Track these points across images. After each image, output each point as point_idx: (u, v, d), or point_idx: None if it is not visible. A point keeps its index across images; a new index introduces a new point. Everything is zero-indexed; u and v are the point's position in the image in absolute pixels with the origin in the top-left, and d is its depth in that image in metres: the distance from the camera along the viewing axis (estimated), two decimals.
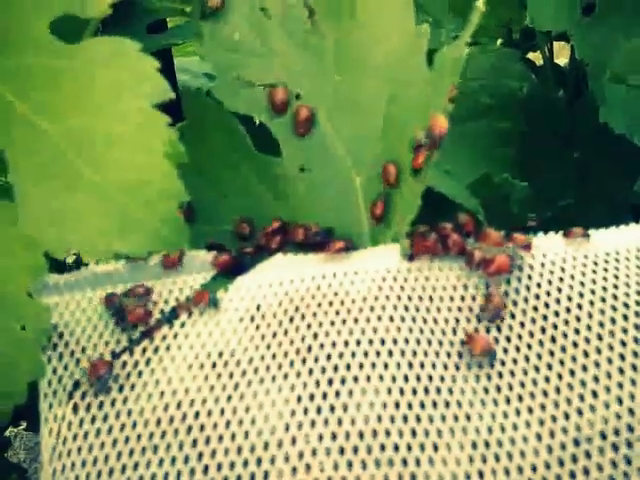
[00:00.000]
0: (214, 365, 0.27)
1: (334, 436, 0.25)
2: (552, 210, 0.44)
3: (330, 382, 0.26)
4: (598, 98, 0.49)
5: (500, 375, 0.27)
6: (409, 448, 0.25)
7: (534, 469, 0.25)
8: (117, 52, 0.28)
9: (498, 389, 0.27)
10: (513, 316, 0.29)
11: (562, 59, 0.67)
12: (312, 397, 0.26)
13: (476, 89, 0.54)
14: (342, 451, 0.25)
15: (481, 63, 0.53)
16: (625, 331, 0.28)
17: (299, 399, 0.26)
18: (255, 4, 0.35)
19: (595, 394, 0.27)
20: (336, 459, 0.25)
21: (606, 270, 0.30)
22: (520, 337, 0.28)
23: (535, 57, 0.65)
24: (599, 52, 0.49)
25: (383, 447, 0.25)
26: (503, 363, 0.27)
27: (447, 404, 0.26)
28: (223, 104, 0.35)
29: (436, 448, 0.25)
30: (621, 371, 0.27)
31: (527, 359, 0.27)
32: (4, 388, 0.30)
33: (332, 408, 0.25)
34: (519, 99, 0.54)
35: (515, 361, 0.27)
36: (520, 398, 0.27)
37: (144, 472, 0.25)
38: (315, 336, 0.27)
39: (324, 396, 0.26)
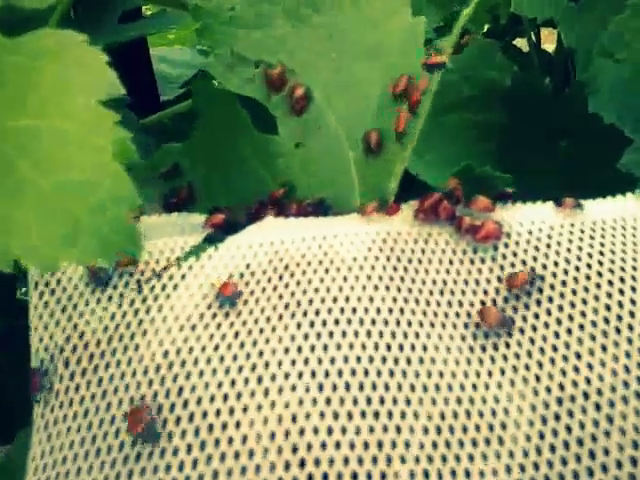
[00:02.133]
0: (201, 317, 0.28)
1: (321, 387, 0.26)
2: (536, 200, 0.45)
3: (318, 336, 0.27)
4: (587, 87, 0.50)
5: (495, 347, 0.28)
6: (394, 401, 0.26)
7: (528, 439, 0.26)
8: (63, 45, 0.27)
9: (492, 359, 0.28)
10: (500, 280, 0.30)
11: (549, 45, 0.67)
12: (300, 349, 0.26)
13: (457, 80, 0.54)
14: (328, 401, 0.25)
15: (464, 54, 0.54)
16: (609, 295, 0.29)
17: (286, 351, 0.26)
18: None
19: (579, 355, 0.27)
20: (323, 409, 0.25)
21: (592, 238, 0.30)
22: (507, 301, 0.29)
23: (522, 43, 0.65)
24: (586, 39, 0.49)
25: (369, 400, 0.26)
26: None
27: (433, 360, 0.27)
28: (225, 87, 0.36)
29: (421, 402, 0.26)
30: (605, 334, 0.28)
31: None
32: None
33: (320, 361, 0.26)
34: (501, 90, 0.55)
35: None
36: (515, 369, 0.27)
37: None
38: (304, 292, 0.28)
39: (312, 349, 0.26)
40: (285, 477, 0.24)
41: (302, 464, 0.24)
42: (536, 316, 0.28)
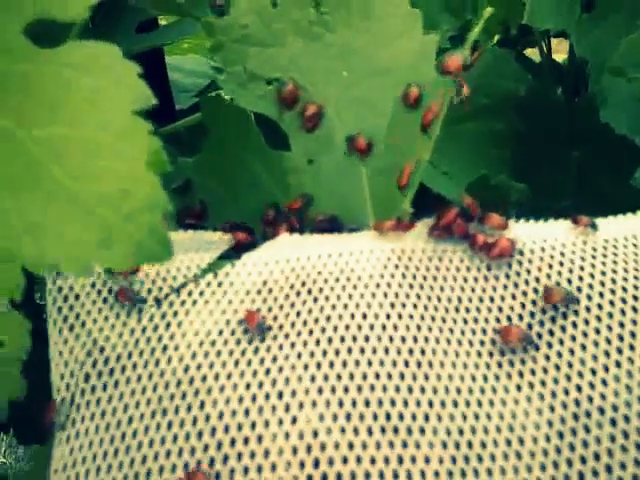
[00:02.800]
0: (221, 333, 0.29)
1: (341, 403, 0.27)
2: (551, 212, 0.46)
3: (337, 352, 0.28)
4: (599, 98, 0.51)
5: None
6: (413, 417, 0.27)
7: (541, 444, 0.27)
8: (97, 57, 0.28)
9: (508, 375, 0.29)
10: (514, 297, 0.31)
11: (559, 55, 0.69)
12: (319, 365, 0.28)
13: (472, 89, 0.56)
14: (348, 417, 0.27)
15: (479, 64, 0.55)
16: (623, 312, 0.30)
17: (306, 367, 0.28)
18: None
19: (594, 372, 0.29)
20: (343, 425, 0.26)
21: (605, 256, 0.32)
22: (521, 318, 0.30)
23: (532, 53, 0.67)
24: (599, 51, 0.51)
25: (388, 416, 0.27)
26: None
27: (450, 377, 0.28)
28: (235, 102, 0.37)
29: (440, 418, 0.27)
30: (619, 351, 0.29)
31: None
32: None
33: (339, 377, 0.27)
34: (515, 99, 0.57)
35: None
36: (531, 385, 0.29)
37: (154, 435, 0.27)
38: (321, 309, 0.29)
39: (331, 365, 0.28)
40: None
41: (324, 478, 0.25)
42: (551, 333, 0.30)
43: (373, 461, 0.26)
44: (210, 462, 0.26)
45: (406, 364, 0.28)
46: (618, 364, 0.29)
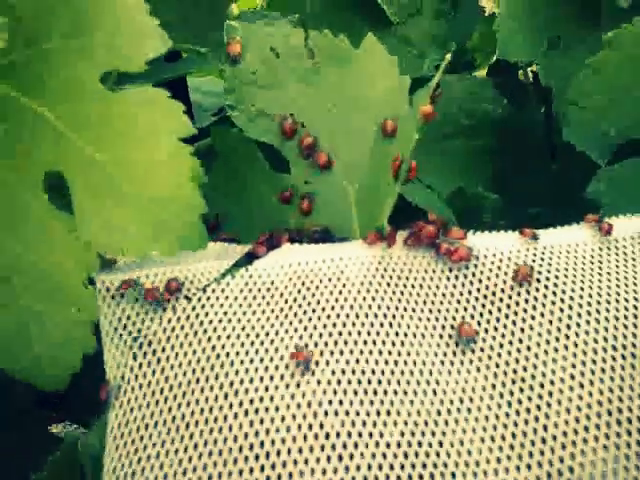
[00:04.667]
0: (239, 320, 0.41)
1: (339, 381, 0.38)
2: (522, 218, 0.57)
3: (330, 334, 0.40)
4: (561, 120, 0.63)
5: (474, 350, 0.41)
6: (388, 382, 0.39)
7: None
8: (153, 98, 0.42)
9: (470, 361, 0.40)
10: (470, 292, 0.43)
11: None
12: (322, 354, 0.39)
13: (455, 111, 0.68)
14: (335, 392, 0.38)
15: (459, 89, 0.68)
16: (553, 303, 0.42)
17: (306, 345, 0.39)
18: (266, 44, 0.50)
19: (537, 356, 0.40)
20: (341, 398, 0.38)
21: (542, 260, 0.44)
22: (474, 309, 0.42)
23: None
24: (561, 79, 0.63)
25: (375, 392, 0.38)
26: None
27: (417, 353, 0.40)
28: (245, 135, 0.49)
29: (406, 390, 0.39)
30: (555, 337, 0.41)
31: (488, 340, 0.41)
32: (64, 360, 0.43)
33: (335, 357, 0.39)
34: (492, 119, 0.69)
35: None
36: (479, 366, 0.40)
37: (190, 398, 0.39)
38: (318, 302, 0.41)
39: (326, 344, 0.39)
40: None
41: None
42: (497, 320, 0.41)
43: (365, 421, 0.37)
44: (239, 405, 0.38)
45: (383, 343, 0.40)
46: (548, 342, 0.40)
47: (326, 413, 0.37)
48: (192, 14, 0.58)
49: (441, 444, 0.37)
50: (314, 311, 0.41)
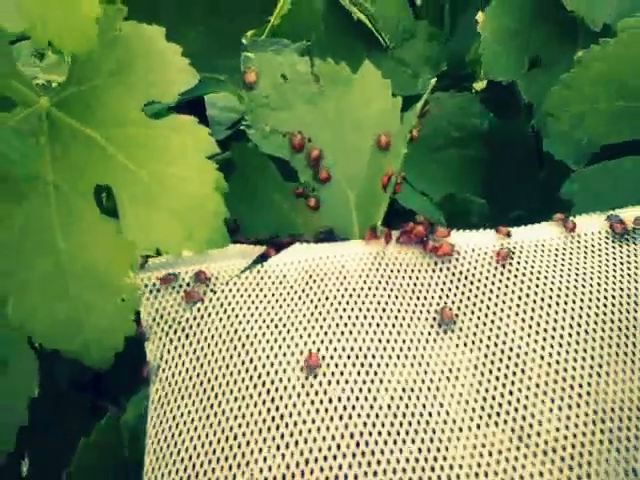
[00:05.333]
0: (257, 308, 0.48)
1: (340, 356, 0.46)
2: (506, 220, 0.64)
3: (332, 318, 0.47)
4: (541, 132, 0.71)
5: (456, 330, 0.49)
6: (379, 365, 0.46)
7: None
8: (183, 124, 0.51)
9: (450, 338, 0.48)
10: (452, 282, 0.50)
11: None
12: (326, 334, 0.47)
13: (445, 125, 0.76)
14: (337, 365, 0.46)
15: (449, 105, 0.76)
16: (520, 289, 0.49)
17: (317, 334, 0.47)
18: (277, 72, 0.58)
19: (513, 339, 0.48)
20: (342, 370, 0.46)
21: (514, 253, 0.51)
22: (455, 295, 0.50)
23: None
24: (541, 96, 0.71)
25: (370, 364, 0.46)
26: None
27: (406, 333, 0.48)
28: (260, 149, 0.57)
29: (396, 365, 0.47)
30: (525, 319, 0.48)
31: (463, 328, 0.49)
32: (109, 342, 0.51)
33: (336, 337, 0.47)
34: (480, 132, 0.76)
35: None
36: (460, 345, 0.48)
37: (218, 372, 0.46)
38: (323, 292, 0.49)
39: (329, 326, 0.47)
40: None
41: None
42: (474, 305, 0.49)
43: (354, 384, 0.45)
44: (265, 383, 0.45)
45: (377, 325, 0.47)
46: (529, 335, 0.48)
47: (329, 383, 0.45)
48: (210, 45, 0.66)
49: (424, 406, 0.44)
50: (319, 300, 0.49)
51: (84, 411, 0.68)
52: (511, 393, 0.45)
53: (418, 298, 0.50)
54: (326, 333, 0.47)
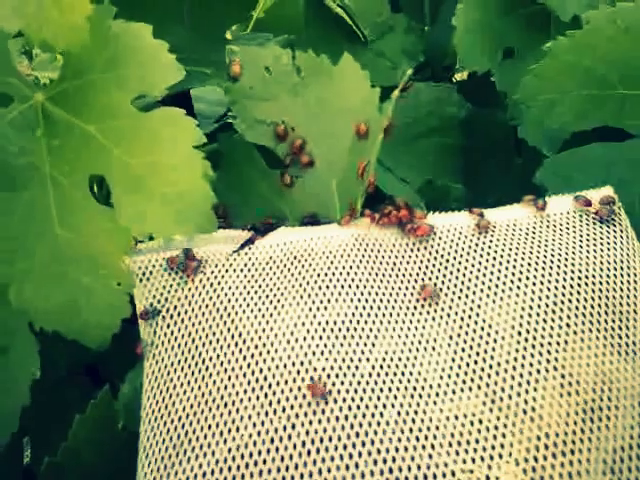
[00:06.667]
0: (244, 287, 0.51)
1: (324, 329, 0.49)
2: (483, 205, 0.67)
3: (317, 294, 0.50)
4: (516, 120, 0.74)
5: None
6: (365, 345, 0.49)
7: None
8: (172, 116, 0.54)
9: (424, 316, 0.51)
10: (429, 260, 0.53)
11: None
12: (310, 309, 0.50)
13: (425, 114, 0.79)
14: (321, 337, 0.49)
15: (427, 95, 0.79)
16: (493, 265, 0.52)
17: (302, 310, 0.50)
18: (260, 64, 0.61)
19: (485, 321, 0.51)
20: (326, 342, 0.49)
21: (487, 232, 0.54)
22: (432, 272, 0.53)
23: None
24: (515, 86, 0.74)
25: (352, 336, 0.49)
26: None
27: (388, 311, 0.51)
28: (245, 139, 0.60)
29: (381, 343, 0.50)
30: (501, 298, 0.51)
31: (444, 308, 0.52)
32: (106, 323, 0.54)
33: (320, 312, 0.50)
34: (459, 120, 0.80)
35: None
36: (440, 321, 0.51)
37: (208, 346, 0.49)
38: (307, 271, 0.52)
39: (313, 302, 0.50)
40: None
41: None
42: (454, 285, 0.52)
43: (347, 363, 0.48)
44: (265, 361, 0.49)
45: (359, 300, 0.50)
46: (499, 314, 0.51)
47: (314, 353, 0.48)
48: (196, 39, 0.70)
49: (403, 374, 0.48)
50: (304, 278, 0.52)
51: (84, 396, 0.71)
52: (484, 361, 0.48)
53: (397, 276, 0.53)
54: (310, 309, 0.50)
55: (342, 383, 0.46)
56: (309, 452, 0.44)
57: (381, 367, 0.48)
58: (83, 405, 0.61)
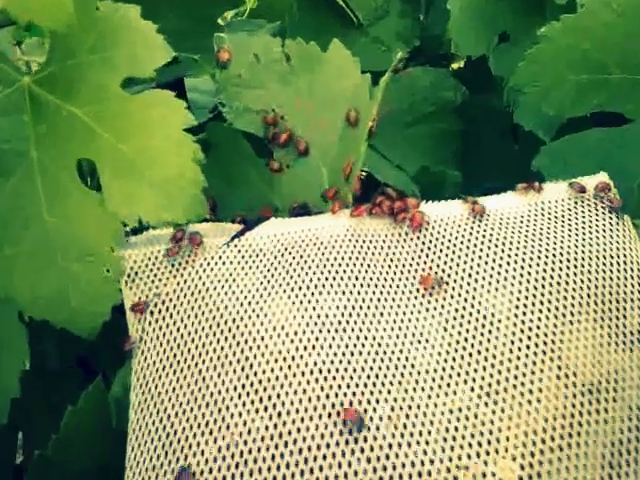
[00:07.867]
0: (234, 280, 0.50)
1: (319, 315, 0.48)
2: (479, 192, 0.66)
3: (311, 280, 0.49)
4: (512, 105, 0.73)
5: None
6: (360, 330, 0.48)
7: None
8: (162, 98, 0.53)
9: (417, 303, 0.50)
10: (422, 250, 0.52)
11: None
12: (301, 302, 0.49)
13: (420, 100, 0.78)
14: (314, 324, 0.48)
15: (423, 81, 0.78)
16: (489, 248, 0.51)
17: (293, 302, 0.49)
18: (249, 51, 0.60)
19: (487, 308, 0.50)
20: (316, 339, 0.48)
21: (480, 221, 0.53)
22: (427, 261, 0.52)
23: None
24: (511, 70, 0.72)
25: (347, 322, 0.48)
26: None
27: (387, 300, 0.50)
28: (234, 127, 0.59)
29: (377, 330, 0.49)
30: (499, 280, 0.50)
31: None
32: (96, 311, 0.53)
33: (311, 303, 0.49)
34: (454, 106, 0.78)
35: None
36: (445, 309, 0.50)
37: (198, 341, 0.48)
38: (298, 263, 0.51)
39: (304, 295, 0.49)
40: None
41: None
42: (451, 269, 0.51)
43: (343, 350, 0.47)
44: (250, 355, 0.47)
45: (351, 293, 0.49)
46: (490, 285, 0.50)
47: (305, 348, 0.47)
48: (187, 25, 0.68)
49: (396, 367, 0.46)
50: (295, 270, 0.50)
51: (76, 388, 0.70)
52: (479, 353, 0.47)
53: (390, 266, 0.52)
54: (301, 302, 0.49)
55: (334, 378, 0.45)
56: (300, 450, 0.43)
57: (374, 360, 0.47)
58: (75, 397, 0.60)
